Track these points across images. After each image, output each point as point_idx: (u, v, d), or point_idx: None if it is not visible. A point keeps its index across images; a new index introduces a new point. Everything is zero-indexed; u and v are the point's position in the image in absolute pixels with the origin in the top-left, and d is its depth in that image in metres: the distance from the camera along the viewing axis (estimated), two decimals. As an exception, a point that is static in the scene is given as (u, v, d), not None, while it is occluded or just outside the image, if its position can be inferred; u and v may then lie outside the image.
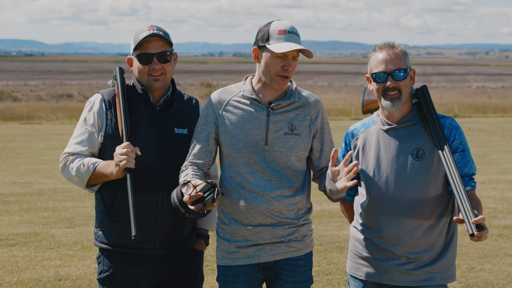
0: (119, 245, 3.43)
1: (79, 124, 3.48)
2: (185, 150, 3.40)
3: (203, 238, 3.63)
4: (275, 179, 3.23)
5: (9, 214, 9.51)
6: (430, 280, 3.27)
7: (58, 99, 51.16)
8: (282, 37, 3.17)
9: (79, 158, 3.41)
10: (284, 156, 3.23)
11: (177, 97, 3.54)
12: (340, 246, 7.68)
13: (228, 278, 3.30)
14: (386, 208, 3.26)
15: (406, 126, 3.29)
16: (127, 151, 3.26)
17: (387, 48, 3.26)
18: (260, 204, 3.21)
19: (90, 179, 3.38)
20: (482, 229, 2.95)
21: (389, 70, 3.22)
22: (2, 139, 21.96)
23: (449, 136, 3.25)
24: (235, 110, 3.25)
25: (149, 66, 3.40)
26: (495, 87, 72.63)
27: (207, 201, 2.99)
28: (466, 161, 3.25)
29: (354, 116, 33.85)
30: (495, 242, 7.95)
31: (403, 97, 3.24)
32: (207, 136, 3.29)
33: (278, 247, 3.26)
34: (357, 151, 3.36)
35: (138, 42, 3.40)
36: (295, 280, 3.31)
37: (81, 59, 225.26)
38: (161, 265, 3.46)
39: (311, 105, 3.30)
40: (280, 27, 3.19)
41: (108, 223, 3.44)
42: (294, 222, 3.27)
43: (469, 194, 3.18)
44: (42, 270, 6.66)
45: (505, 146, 19.85)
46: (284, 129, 3.23)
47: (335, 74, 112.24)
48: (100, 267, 3.50)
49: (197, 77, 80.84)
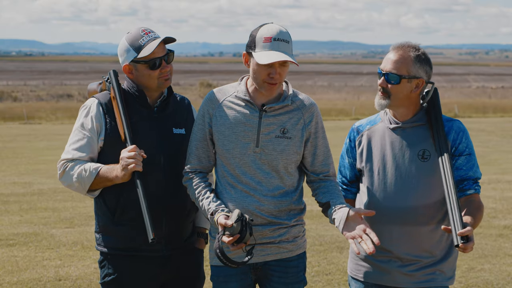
0: (125, 249, 3.41)
1: (76, 130, 3.42)
2: (185, 150, 3.40)
3: (203, 237, 3.63)
4: (265, 181, 3.22)
5: (9, 214, 9.51)
6: (432, 282, 3.26)
7: (58, 99, 51.17)
8: (267, 45, 3.11)
9: (79, 164, 3.36)
10: (275, 159, 3.22)
11: (172, 97, 3.53)
12: (340, 246, 7.68)
13: (220, 278, 3.30)
14: (388, 208, 3.25)
15: (414, 126, 3.27)
16: (134, 154, 3.24)
17: (400, 48, 3.23)
18: (250, 204, 3.20)
19: (92, 184, 3.34)
20: (468, 241, 2.94)
21: (385, 71, 3.22)
22: (2, 139, 21.96)
23: (455, 139, 3.23)
24: (228, 111, 3.24)
25: (160, 69, 3.38)
26: (495, 87, 72.60)
27: (246, 237, 3.05)
28: (471, 165, 3.23)
29: (354, 116, 33.84)
30: (495, 242, 7.95)
31: (392, 101, 3.21)
32: (204, 136, 3.29)
33: (269, 248, 3.24)
34: (362, 148, 3.35)
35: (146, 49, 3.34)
36: (286, 282, 3.29)
37: (81, 59, 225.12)
38: (166, 266, 3.45)
39: (306, 109, 3.27)
40: (267, 34, 3.12)
41: (112, 226, 3.41)
42: (285, 222, 3.25)
43: (471, 198, 3.17)
44: (42, 270, 6.66)
45: (505, 146, 19.84)
46: (276, 132, 3.22)
47: (335, 74, 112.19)
48: (105, 270, 3.45)
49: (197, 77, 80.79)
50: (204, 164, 3.32)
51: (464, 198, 3.19)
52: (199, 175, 3.31)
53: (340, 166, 3.48)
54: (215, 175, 3.37)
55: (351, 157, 3.41)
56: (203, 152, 3.31)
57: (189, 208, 3.50)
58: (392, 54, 3.23)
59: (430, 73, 3.26)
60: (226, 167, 3.25)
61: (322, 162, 3.31)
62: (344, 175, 3.45)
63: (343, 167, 3.46)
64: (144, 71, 3.39)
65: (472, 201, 3.17)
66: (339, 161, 3.51)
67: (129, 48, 3.39)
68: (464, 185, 3.21)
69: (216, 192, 3.29)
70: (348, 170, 3.43)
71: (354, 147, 3.39)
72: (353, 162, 3.40)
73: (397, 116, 3.29)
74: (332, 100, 46.71)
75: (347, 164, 3.43)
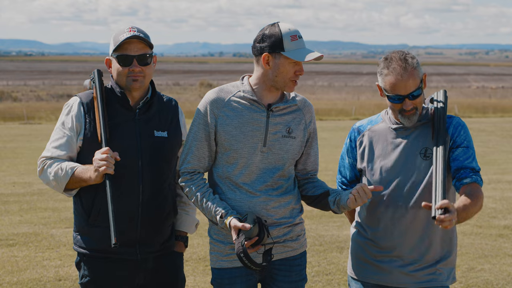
0: (99, 250, 3.39)
1: (57, 128, 3.41)
2: (165, 153, 3.40)
3: (182, 240, 3.61)
4: (271, 180, 3.23)
5: (9, 214, 9.51)
6: (432, 282, 3.26)
7: (58, 99, 51.19)
8: (296, 43, 3.18)
9: (57, 162, 3.35)
10: (281, 158, 3.24)
11: (156, 99, 3.48)
12: (340, 246, 7.68)
13: (224, 281, 3.28)
14: (390, 207, 3.24)
15: (416, 125, 3.26)
16: (106, 157, 3.21)
17: (400, 66, 3.15)
18: (256, 205, 3.21)
19: (68, 183, 3.33)
20: (446, 213, 2.89)
21: (406, 94, 3.16)
22: (2, 139, 21.97)
23: (454, 132, 3.22)
24: (234, 111, 3.23)
25: (129, 68, 3.34)
26: (495, 87, 72.61)
27: (264, 239, 3.08)
28: (468, 156, 3.19)
29: (354, 116, 33.81)
30: (495, 242, 7.95)
31: (419, 110, 3.22)
32: (207, 135, 3.25)
33: (274, 247, 3.24)
34: (363, 148, 3.35)
35: (119, 43, 3.33)
36: (291, 280, 3.31)
37: (81, 59, 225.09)
38: (142, 269, 3.43)
39: (306, 110, 3.33)
40: (292, 32, 3.18)
41: (88, 227, 3.40)
42: (289, 221, 3.27)
43: (470, 187, 3.10)
44: (42, 270, 6.66)
45: (505, 146, 19.85)
46: (282, 132, 3.24)
47: (335, 74, 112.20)
48: (81, 271, 3.46)
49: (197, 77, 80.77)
50: (204, 164, 3.30)
51: (462, 188, 3.13)
52: (198, 176, 3.29)
53: (340, 166, 3.48)
54: (210, 177, 3.34)
55: (351, 157, 3.40)
56: (204, 152, 3.28)
57: (168, 211, 3.48)
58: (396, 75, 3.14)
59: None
60: (231, 167, 3.23)
61: (313, 162, 3.39)
62: (344, 175, 3.45)
63: (343, 167, 3.45)
64: (115, 66, 3.39)
65: (469, 189, 3.10)
66: (339, 162, 3.51)
67: (111, 42, 3.40)
68: (460, 173, 3.16)
69: (218, 193, 3.27)
70: (348, 170, 3.43)
71: (355, 147, 3.38)
72: (354, 162, 3.40)
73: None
74: (332, 100, 46.71)
75: (347, 164, 3.43)
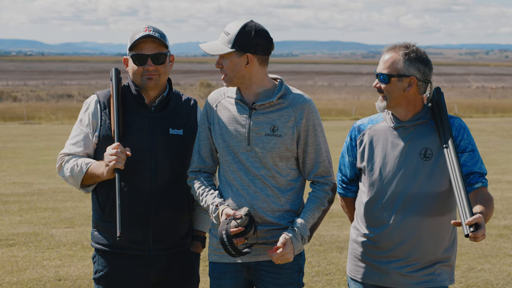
0: (114, 246, 3.43)
1: (75, 125, 3.50)
2: (180, 151, 3.43)
3: (199, 240, 3.60)
4: (258, 179, 3.23)
5: (9, 214, 9.50)
6: (431, 282, 3.25)
7: (58, 99, 51.22)
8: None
9: (74, 158, 3.42)
10: (265, 157, 3.23)
11: (173, 97, 3.53)
12: (340, 246, 7.68)
13: (215, 275, 3.32)
14: (389, 207, 3.24)
15: (416, 125, 3.26)
16: (116, 152, 3.27)
17: (391, 49, 3.27)
18: (243, 203, 3.21)
19: (83, 179, 3.39)
20: (478, 229, 2.90)
21: (377, 71, 3.27)
22: (2, 139, 21.96)
23: (457, 135, 3.21)
24: (223, 111, 3.30)
25: (143, 67, 3.40)
26: (495, 87, 72.61)
27: (249, 233, 3.09)
28: (476, 161, 3.20)
29: (354, 116, 33.82)
30: (495, 242, 7.94)
31: (388, 102, 3.22)
32: (206, 135, 3.34)
33: (262, 248, 3.23)
34: (363, 147, 3.35)
35: (133, 42, 3.39)
36: (280, 283, 3.27)
37: (81, 59, 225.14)
38: (156, 266, 3.45)
39: (297, 106, 3.25)
40: None
41: (103, 223, 3.45)
42: (279, 223, 3.24)
43: (480, 191, 3.13)
44: (42, 270, 6.66)
45: (505, 146, 19.85)
46: (266, 130, 3.23)
47: (335, 74, 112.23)
48: (95, 266, 3.51)
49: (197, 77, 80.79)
50: (207, 163, 3.35)
51: (473, 193, 3.15)
52: (203, 175, 3.35)
53: (340, 164, 3.48)
54: (217, 176, 3.39)
55: (351, 155, 3.40)
56: (206, 151, 3.35)
57: (182, 209, 3.49)
58: (383, 55, 3.28)
59: (426, 71, 3.22)
60: (223, 165, 3.29)
61: (314, 160, 3.29)
62: (344, 173, 3.45)
63: (343, 165, 3.45)
64: (131, 65, 3.45)
65: (481, 194, 3.13)
66: (339, 160, 3.51)
67: (128, 41, 3.46)
68: (470, 179, 3.18)
69: (220, 191, 3.31)
70: (348, 168, 3.43)
71: (355, 146, 3.38)
72: (353, 161, 3.40)
73: (398, 116, 3.29)
74: (332, 100, 46.73)
75: (347, 162, 3.43)
